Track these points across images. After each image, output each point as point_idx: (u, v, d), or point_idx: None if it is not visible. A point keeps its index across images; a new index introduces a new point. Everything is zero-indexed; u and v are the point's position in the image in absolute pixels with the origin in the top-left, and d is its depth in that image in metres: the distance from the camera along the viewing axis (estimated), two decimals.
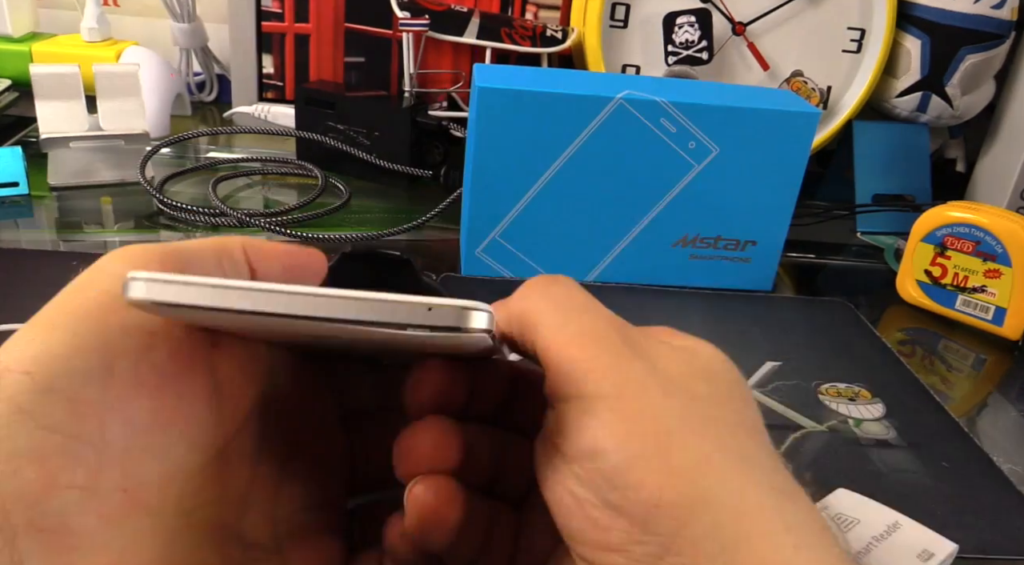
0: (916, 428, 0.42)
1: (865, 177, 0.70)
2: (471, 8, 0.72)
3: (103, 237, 0.54)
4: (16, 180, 0.58)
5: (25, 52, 0.72)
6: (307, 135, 0.66)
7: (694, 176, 0.51)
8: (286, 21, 0.73)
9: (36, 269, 0.47)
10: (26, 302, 0.43)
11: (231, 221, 0.56)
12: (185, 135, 0.65)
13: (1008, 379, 0.50)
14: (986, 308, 0.53)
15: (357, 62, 0.75)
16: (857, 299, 0.57)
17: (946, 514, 0.36)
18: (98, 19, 0.72)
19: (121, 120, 0.60)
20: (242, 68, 0.75)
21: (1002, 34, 0.68)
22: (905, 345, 0.52)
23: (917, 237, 0.55)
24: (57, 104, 0.58)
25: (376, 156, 0.65)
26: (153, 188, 0.58)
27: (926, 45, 0.68)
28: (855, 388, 0.45)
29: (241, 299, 0.18)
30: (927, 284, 0.55)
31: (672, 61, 0.67)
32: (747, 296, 0.55)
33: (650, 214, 0.53)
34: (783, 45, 0.69)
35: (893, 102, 0.71)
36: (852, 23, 0.69)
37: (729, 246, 0.54)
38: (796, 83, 0.70)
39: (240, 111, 0.74)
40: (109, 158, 0.61)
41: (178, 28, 0.76)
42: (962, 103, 0.70)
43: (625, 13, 0.67)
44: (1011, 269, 0.51)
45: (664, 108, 0.49)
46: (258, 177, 0.67)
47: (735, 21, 0.68)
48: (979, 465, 0.40)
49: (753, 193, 0.52)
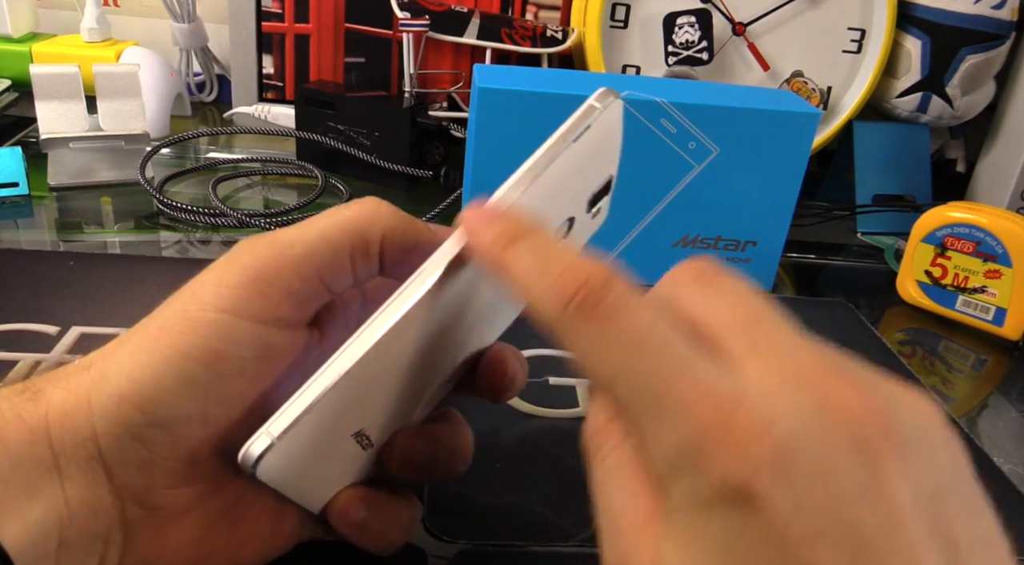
0: None
1: (865, 177, 0.70)
2: (471, 8, 0.72)
3: (103, 237, 0.54)
4: (16, 180, 0.58)
5: (25, 52, 0.72)
6: (307, 135, 0.66)
7: (694, 176, 0.51)
8: (286, 21, 0.73)
9: (36, 269, 0.47)
10: (26, 302, 0.43)
11: (231, 222, 0.56)
12: (185, 135, 0.65)
13: (1008, 379, 0.50)
14: (986, 308, 0.53)
15: (357, 62, 0.75)
16: (857, 300, 0.56)
17: None
18: (98, 19, 0.72)
19: (121, 120, 0.60)
20: (242, 68, 0.75)
21: (1002, 34, 0.68)
22: (905, 345, 0.52)
23: (917, 237, 0.55)
24: (57, 104, 0.58)
25: (376, 156, 0.65)
26: (153, 188, 0.58)
27: (926, 45, 0.68)
28: None
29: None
30: (927, 284, 0.55)
31: (672, 61, 0.67)
32: None
33: (650, 214, 0.53)
34: (783, 45, 0.69)
35: (893, 102, 0.71)
36: (852, 23, 0.69)
37: (729, 246, 0.54)
38: (796, 83, 0.70)
39: (240, 111, 0.74)
40: (109, 158, 0.61)
41: (178, 28, 0.76)
42: (962, 103, 0.70)
43: (625, 13, 0.67)
44: (1011, 269, 0.51)
45: (664, 108, 0.49)
46: (258, 177, 0.67)
47: (735, 21, 0.68)
48: (979, 465, 0.40)
49: (753, 193, 0.52)
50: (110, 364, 0.23)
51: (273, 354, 0.24)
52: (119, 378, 0.22)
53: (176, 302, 0.24)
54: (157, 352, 0.22)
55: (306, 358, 0.26)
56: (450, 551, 0.31)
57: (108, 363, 0.23)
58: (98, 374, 0.23)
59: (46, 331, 0.41)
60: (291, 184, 0.67)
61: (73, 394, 0.22)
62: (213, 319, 0.23)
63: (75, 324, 0.42)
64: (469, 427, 0.29)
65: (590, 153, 0.25)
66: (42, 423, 0.22)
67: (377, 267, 0.26)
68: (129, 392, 0.22)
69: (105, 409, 0.22)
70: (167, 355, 0.22)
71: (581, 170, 0.25)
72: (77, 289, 0.45)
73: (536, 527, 0.32)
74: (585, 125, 0.24)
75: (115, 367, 0.23)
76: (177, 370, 0.22)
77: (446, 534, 0.31)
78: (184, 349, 0.22)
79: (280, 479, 0.23)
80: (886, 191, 0.70)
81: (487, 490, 0.34)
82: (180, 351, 0.22)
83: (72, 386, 0.23)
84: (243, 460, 0.22)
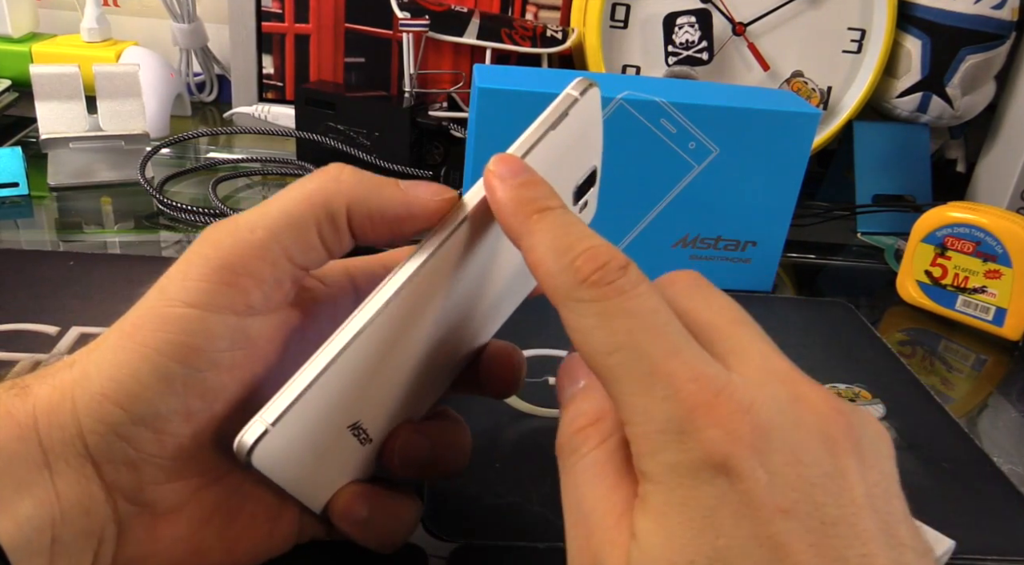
0: (916, 429, 0.42)
1: (865, 177, 0.70)
2: (471, 8, 0.72)
3: (103, 237, 0.54)
4: (16, 180, 0.58)
5: (25, 52, 0.72)
6: (307, 135, 0.66)
7: (694, 176, 0.51)
8: (286, 21, 0.73)
9: (36, 269, 0.47)
10: (26, 302, 0.43)
11: None
12: (185, 135, 0.65)
13: (1008, 379, 0.50)
14: (986, 309, 0.53)
15: (357, 62, 0.75)
16: (857, 300, 0.56)
17: (946, 514, 0.36)
18: (98, 19, 0.72)
19: (121, 120, 0.60)
20: (242, 68, 0.75)
21: (1002, 34, 0.68)
22: (905, 346, 0.52)
23: (917, 237, 0.55)
24: (57, 104, 0.58)
25: (376, 156, 0.65)
26: (153, 188, 0.58)
27: (926, 45, 0.68)
28: (855, 389, 0.45)
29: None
30: (927, 285, 0.55)
31: (672, 61, 0.67)
32: (747, 297, 0.54)
33: (650, 215, 0.53)
34: (783, 45, 0.69)
35: (893, 102, 0.71)
36: (852, 23, 0.69)
37: (729, 247, 0.54)
38: (796, 83, 0.70)
39: (240, 111, 0.74)
40: (109, 158, 0.61)
41: (178, 28, 0.76)
42: (962, 103, 0.70)
43: (625, 13, 0.67)
44: (1011, 270, 0.51)
45: (664, 108, 0.49)
46: (258, 177, 0.67)
47: (735, 21, 0.68)
48: (979, 465, 0.40)
49: (753, 194, 0.52)
50: (91, 362, 0.23)
51: (251, 343, 0.24)
52: (100, 377, 0.22)
53: (147, 298, 0.23)
54: (132, 350, 0.22)
55: (292, 340, 0.25)
56: (449, 550, 0.31)
57: (89, 361, 0.23)
58: (80, 372, 0.23)
59: (46, 331, 0.41)
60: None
61: (58, 391, 0.22)
62: (181, 314, 0.22)
63: (75, 324, 0.42)
64: (467, 425, 0.29)
65: (570, 143, 0.25)
66: (30, 419, 0.22)
67: (349, 238, 0.25)
68: (110, 391, 0.22)
69: (89, 408, 0.22)
70: (142, 353, 0.22)
71: (562, 160, 0.25)
72: (77, 289, 0.45)
73: (535, 526, 0.32)
74: (562, 113, 0.24)
75: (96, 366, 0.23)
76: (152, 367, 0.22)
77: (445, 533, 0.31)
78: (156, 346, 0.22)
79: (276, 468, 0.23)
80: (886, 191, 0.70)
81: (487, 490, 0.34)
82: (153, 348, 0.22)
83: (57, 383, 0.23)
84: (238, 449, 0.22)
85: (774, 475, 0.18)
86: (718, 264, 0.54)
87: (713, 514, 0.18)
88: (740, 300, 0.24)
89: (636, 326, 0.20)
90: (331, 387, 0.23)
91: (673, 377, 0.19)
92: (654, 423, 0.19)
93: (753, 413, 0.19)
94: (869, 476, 0.20)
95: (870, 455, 0.20)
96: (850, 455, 0.20)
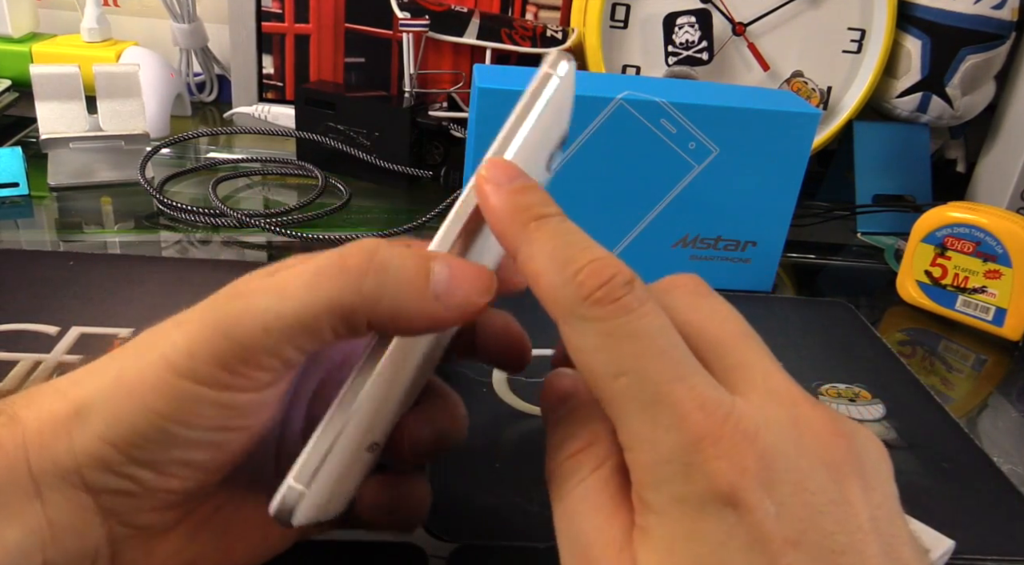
0: (916, 429, 0.42)
1: (865, 177, 0.70)
2: (471, 8, 0.72)
3: (103, 237, 0.54)
4: (16, 180, 0.58)
5: (25, 52, 0.72)
6: (307, 135, 0.66)
7: (694, 177, 0.51)
8: (286, 21, 0.73)
9: (36, 269, 0.47)
10: (26, 302, 0.43)
11: (231, 222, 0.56)
12: (185, 135, 0.65)
13: (1008, 379, 0.50)
14: (986, 309, 0.53)
15: (357, 62, 0.75)
16: (857, 300, 0.57)
17: (946, 514, 0.36)
18: (98, 19, 0.72)
19: (121, 120, 0.60)
20: (242, 68, 0.75)
21: (1002, 34, 0.68)
22: (905, 346, 0.52)
23: (917, 237, 0.55)
24: (57, 104, 0.58)
25: (376, 156, 0.65)
26: (153, 188, 0.58)
27: (926, 45, 0.68)
28: (855, 389, 0.45)
29: None
30: (927, 285, 0.55)
31: (672, 61, 0.67)
32: (747, 297, 0.55)
33: (650, 215, 0.53)
34: (783, 45, 0.69)
35: (893, 102, 0.71)
36: (852, 23, 0.69)
37: (729, 247, 0.54)
38: (796, 83, 0.70)
39: (240, 111, 0.74)
40: (109, 158, 0.61)
41: (178, 28, 0.76)
42: (962, 103, 0.70)
43: (625, 13, 0.67)
44: (1011, 270, 0.51)
45: (664, 108, 0.49)
46: (258, 177, 0.67)
47: (735, 21, 0.68)
48: (979, 465, 0.40)
49: (753, 194, 0.52)
50: (88, 400, 0.22)
51: (252, 409, 0.23)
52: (98, 423, 0.22)
53: (152, 352, 0.22)
54: (132, 408, 0.22)
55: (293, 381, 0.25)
56: (449, 550, 0.31)
57: (85, 397, 0.22)
58: (73, 408, 0.22)
59: (46, 331, 0.41)
60: (291, 184, 0.67)
61: (50, 425, 0.22)
62: (187, 389, 0.22)
63: (75, 324, 0.42)
64: (456, 394, 0.28)
65: (550, 122, 0.25)
66: (20, 449, 0.22)
67: (365, 333, 0.24)
68: (108, 436, 0.22)
69: (89, 448, 0.22)
70: (143, 413, 0.22)
71: (542, 139, 0.25)
72: (77, 289, 0.45)
73: (535, 526, 0.32)
74: (545, 97, 0.24)
75: (93, 407, 0.22)
76: (152, 426, 0.22)
77: (446, 534, 0.31)
78: (158, 409, 0.22)
79: (312, 517, 0.24)
80: (886, 191, 0.70)
81: (487, 490, 0.34)
82: (154, 411, 0.22)
83: (46, 414, 0.22)
84: (277, 515, 0.23)
85: (781, 506, 0.18)
86: (718, 264, 0.54)
87: (722, 548, 0.18)
88: (740, 300, 0.24)
89: (642, 350, 0.19)
90: (352, 433, 0.24)
91: (679, 405, 0.19)
92: (659, 453, 0.19)
93: (759, 441, 0.19)
94: (872, 498, 0.20)
95: (872, 477, 0.20)
96: (853, 479, 0.19)
